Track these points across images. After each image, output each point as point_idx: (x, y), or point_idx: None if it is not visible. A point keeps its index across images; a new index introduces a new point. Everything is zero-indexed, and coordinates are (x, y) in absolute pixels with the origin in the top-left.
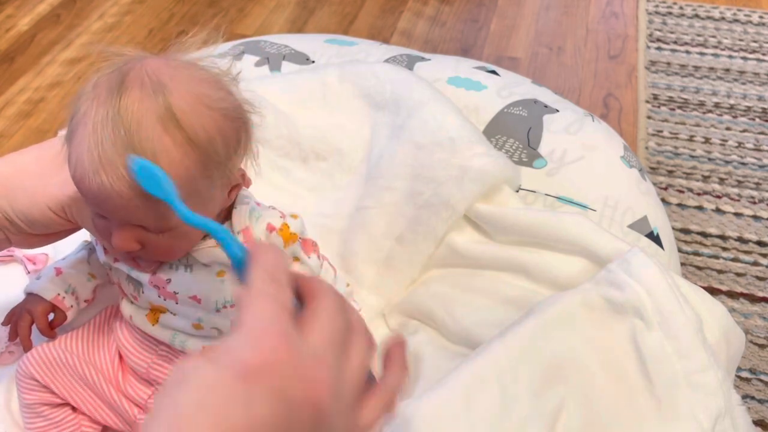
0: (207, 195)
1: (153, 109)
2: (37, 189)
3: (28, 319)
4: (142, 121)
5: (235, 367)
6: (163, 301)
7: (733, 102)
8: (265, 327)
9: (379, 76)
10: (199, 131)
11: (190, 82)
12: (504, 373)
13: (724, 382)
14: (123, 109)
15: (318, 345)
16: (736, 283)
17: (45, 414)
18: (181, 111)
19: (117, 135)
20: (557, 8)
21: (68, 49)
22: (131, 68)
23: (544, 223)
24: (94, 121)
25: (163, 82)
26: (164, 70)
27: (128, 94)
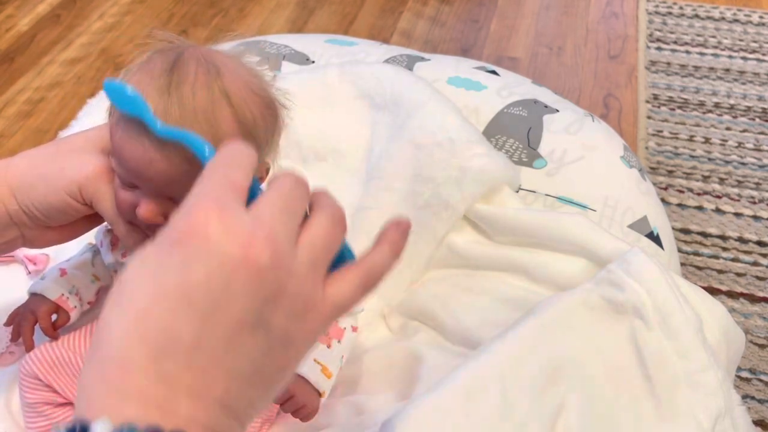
0: None
1: (207, 84)
2: (54, 174)
3: (31, 320)
4: (196, 94)
5: (167, 236)
6: None
7: (733, 102)
8: (200, 196)
9: (379, 76)
10: (246, 112)
11: (238, 68)
12: (504, 373)
13: (724, 382)
14: (177, 82)
15: (261, 211)
16: (736, 283)
17: (47, 413)
18: (232, 90)
19: (169, 103)
20: (557, 8)
21: (68, 49)
22: (184, 50)
23: (544, 223)
24: (147, 90)
25: (216, 64)
26: (215, 55)
27: (183, 70)
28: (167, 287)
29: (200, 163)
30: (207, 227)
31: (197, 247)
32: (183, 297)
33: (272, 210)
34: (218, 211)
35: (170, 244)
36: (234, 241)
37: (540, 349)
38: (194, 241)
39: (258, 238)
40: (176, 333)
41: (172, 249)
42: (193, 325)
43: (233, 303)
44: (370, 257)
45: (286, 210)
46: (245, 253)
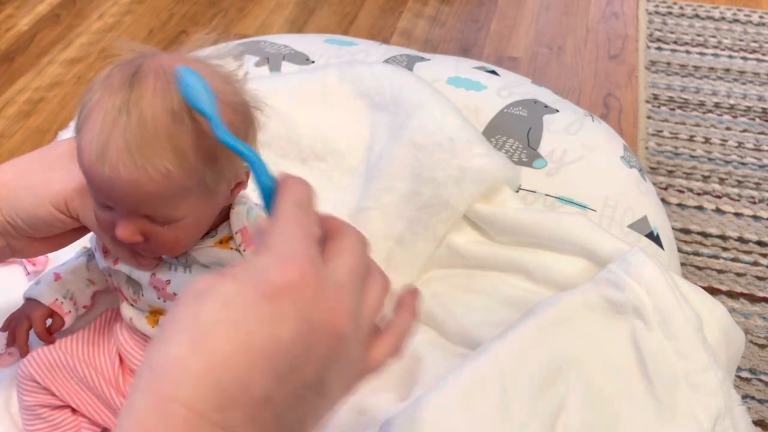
0: (213, 188)
1: (166, 99)
2: (41, 186)
3: (26, 324)
4: (154, 111)
5: (261, 285)
6: (163, 303)
7: (733, 102)
8: (292, 250)
9: (379, 76)
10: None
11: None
12: (504, 373)
13: (724, 382)
14: (135, 99)
15: (341, 275)
16: (736, 283)
17: (45, 416)
18: None
19: (128, 123)
20: (557, 8)
21: (68, 49)
22: (145, 61)
23: (544, 223)
24: (106, 108)
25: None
26: (178, 64)
27: (141, 85)
28: (253, 341)
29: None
30: (301, 288)
31: (289, 306)
32: (265, 353)
33: (352, 278)
34: (313, 273)
35: (263, 296)
36: (323, 308)
37: (540, 349)
38: (287, 300)
39: (343, 310)
40: (250, 387)
41: (264, 302)
42: (267, 382)
43: (308, 366)
44: (398, 325)
45: (360, 278)
46: (332, 321)
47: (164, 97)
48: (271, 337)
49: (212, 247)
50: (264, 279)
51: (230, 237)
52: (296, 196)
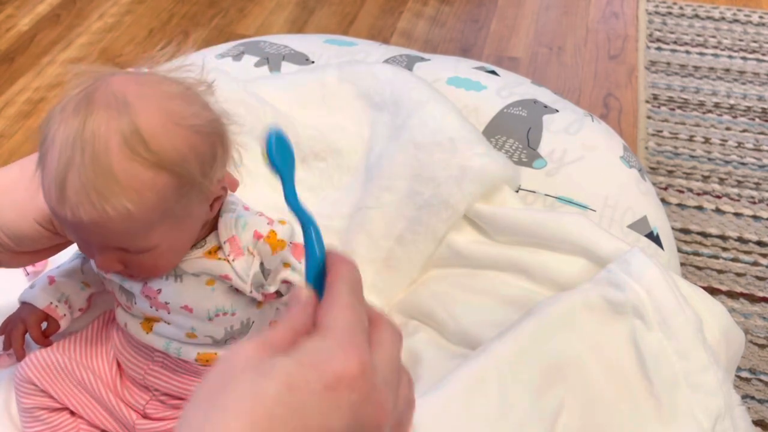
0: (184, 214)
1: (119, 131)
2: (25, 202)
3: (21, 329)
4: (109, 145)
5: (323, 373)
6: (155, 311)
7: (733, 102)
8: (353, 341)
9: (379, 76)
10: (170, 151)
11: (159, 100)
12: (504, 373)
13: (724, 382)
14: (88, 134)
15: (386, 372)
16: (736, 283)
17: (43, 418)
18: (149, 131)
19: (82, 162)
20: (557, 8)
21: (68, 49)
22: (97, 88)
23: (544, 223)
24: (61, 148)
25: (129, 102)
26: (131, 88)
27: (93, 118)
28: (307, 427)
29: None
30: (359, 382)
31: (346, 399)
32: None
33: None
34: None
35: (324, 386)
36: (373, 403)
37: (540, 349)
38: (345, 392)
39: (386, 407)
40: None
41: (325, 392)
42: None
43: None
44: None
45: (398, 374)
46: (377, 417)
47: (117, 129)
48: (324, 427)
49: (200, 258)
50: (326, 367)
51: (219, 247)
52: (351, 281)
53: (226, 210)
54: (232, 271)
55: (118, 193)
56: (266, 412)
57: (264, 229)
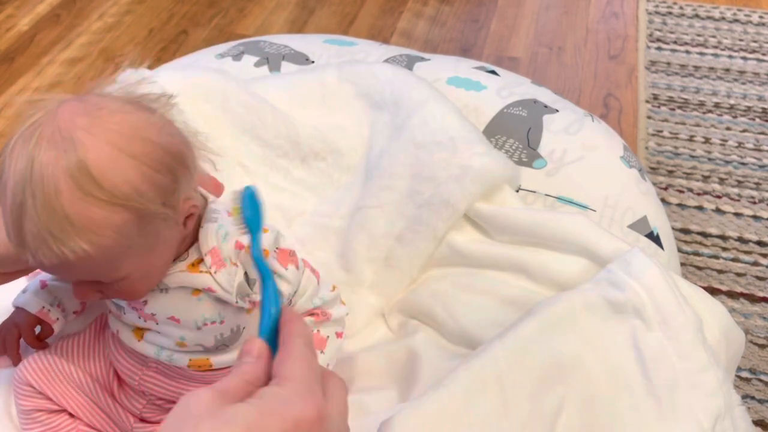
0: (152, 242)
1: (67, 170)
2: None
3: (15, 333)
4: (58, 188)
5: (284, 419)
6: (143, 322)
7: (733, 102)
8: (310, 389)
9: (378, 75)
10: (123, 187)
11: (108, 131)
12: (504, 373)
13: (724, 383)
14: (37, 176)
15: (338, 419)
16: (736, 283)
17: (42, 420)
18: (99, 168)
19: (35, 207)
20: (557, 8)
21: (68, 49)
22: (43, 123)
23: (545, 222)
24: (14, 191)
25: (76, 138)
26: (79, 121)
27: (40, 158)
28: None
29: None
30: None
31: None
32: None
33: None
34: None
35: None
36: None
37: (540, 349)
38: None
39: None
40: None
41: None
42: None
43: None
44: None
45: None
46: None
47: (64, 169)
48: None
49: (183, 271)
50: (286, 413)
51: (201, 259)
52: (304, 336)
53: (208, 219)
54: (215, 283)
55: (74, 236)
56: None
57: (245, 239)
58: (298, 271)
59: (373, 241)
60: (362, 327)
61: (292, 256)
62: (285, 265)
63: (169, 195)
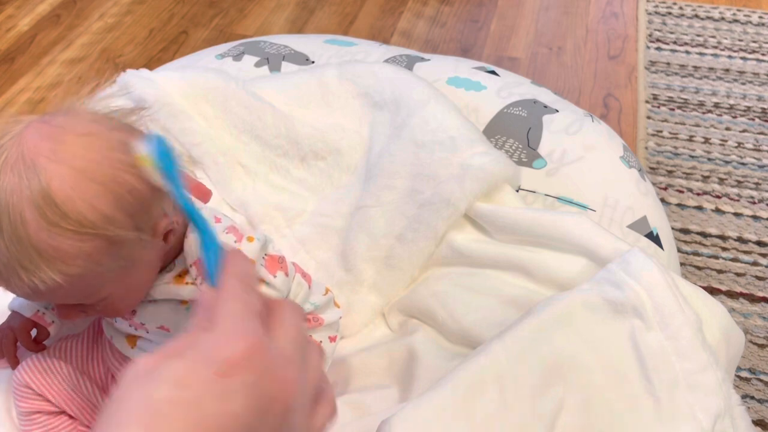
0: (129, 263)
1: (31, 200)
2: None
3: (11, 337)
4: (24, 218)
5: (211, 362)
6: (135, 330)
7: (732, 102)
8: (240, 326)
9: (378, 75)
10: (90, 214)
11: (73, 156)
12: (503, 373)
13: (724, 382)
14: (3, 206)
15: (286, 347)
16: (736, 283)
17: (41, 421)
18: (63, 196)
19: (3, 237)
20: (557, 8)
21: (68, 50)
22: (8, 148)
23: (545, 222)
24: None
25: (39, 165)
26: (42, 146)
27: (4, 187)
28: (207, 419)
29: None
30: (250, 363)
31: (240, 382)
32: (220, 429)
33: (295, 349)
34: (259, 347)
35: (213, 374)
36: (274, 380)
37: (539, 349)
38: (238, 376)
39: (292, 381)
40: None
41: (216, 380)
42: None
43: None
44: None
45: (302, 348)
46: (282, 392)
47: (29, 199)
48: (225, 413)
49: (169, 283)
50: (214, 356)
51: (186, 270)
52: (239, 272)
53: (194, 229)
54: None
55: (43, 267)
56: (159, 415)
57: None
58: (288, 278)
59: (373, 240)
60: (362, 326)
61: (281, 262)
62: (273, 273)
63: (141, 217)
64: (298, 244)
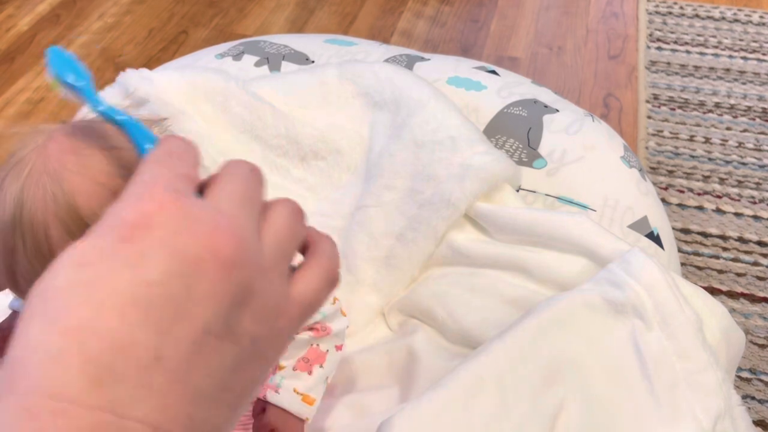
0: None
1: (57, 216)
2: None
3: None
4: (49, 234)
5: (111, 230)
6: None
7: (733, 102)
8: (148, 183)
9: (379, 75)
10: None
11: (99, 171)
12: (503, 373)
13: (724, 383)
14: (27, 222)
15: (221, 199)
16: (736, 283)
17: None
18: (89, 210)
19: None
20: (557, 8)
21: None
22: (32, 161)
23: (545, 222)
24: (4, 232)
25: (65, 179)
26: (68, 159)
27: (29, 202)
28: (117, 294)
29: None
30: (163, 218)
31: (151, 241)
32: (135, 302)
33: (232, 199)
34: (174, 199)
35: (117, 240)
36: (197, 233)
37: (539, 349)
38: (148, 235)
39: (222, 231)
40: (127, 350)
41: (120, 246)
42: (148, 337)
43: (197, 307)
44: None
45: (248, 200)
46: (212, 247)
47: (54, 215)
48: (137, 282)
49: None
50: (116, 221)
51: None
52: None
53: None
54: None
55: None
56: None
57: None
58: None
59: (373, 240)
60: (362, 326)
61: None
62: None
63: None
64: None
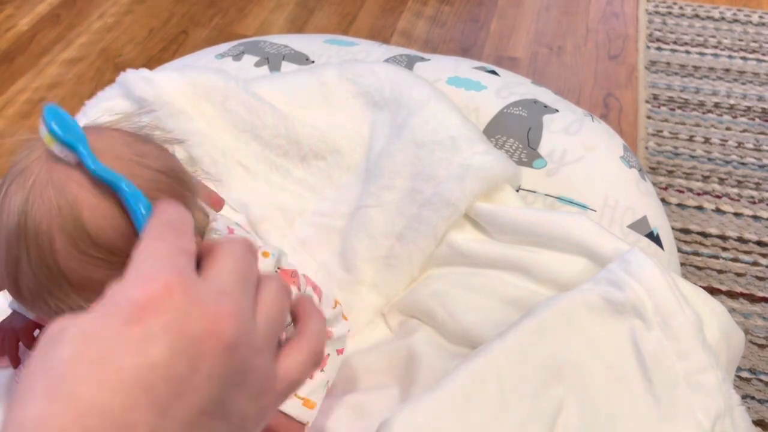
0: None
1: (62, 228)
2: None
3: (14, 337)
4: (53, 247)
5: (119, 310)
6: None
7: (733, 102)
8: (155, 265)
9: (379, 75)
10: (121, 244)
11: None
12: (503, 373)
13: (724, 383)
14: (31, 233)
15: (222, 280)
16: (736, 283)
17: None
18: (95, 225)
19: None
20: (557, 8)
21: (68, 49)
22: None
23: (545, 222)
24: (8, 243)
25: (70, 191)
26: (73, 170)
27: (34, 213)
28: (123, 374)
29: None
30: (168, 301)
31: (157, 324)
32: (139, 383)
33: (233, 279)
34: (180, 282)
35: (125, 321)
36: (201, 316)
37: (539, 349)
38: (153, 318)
39: (227, 314)
40: (130, 429)
41: (127, 327)
42: (147, 419)
43: (198, 388)
44: (309, 328)
45: (246, 280)
46: (214, 330)
47: (60, 227)
48: (142, 364)
49: None
50: (123, 303)
51: None
52: (166, 216)
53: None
54: None
55: (72, 295)
56: (62, 378)
57: None
58: (300, 293)
59: (373, 240)
60: (362, 326)
61: (294, 277)
62: None
63: None
64: (298, 244)
